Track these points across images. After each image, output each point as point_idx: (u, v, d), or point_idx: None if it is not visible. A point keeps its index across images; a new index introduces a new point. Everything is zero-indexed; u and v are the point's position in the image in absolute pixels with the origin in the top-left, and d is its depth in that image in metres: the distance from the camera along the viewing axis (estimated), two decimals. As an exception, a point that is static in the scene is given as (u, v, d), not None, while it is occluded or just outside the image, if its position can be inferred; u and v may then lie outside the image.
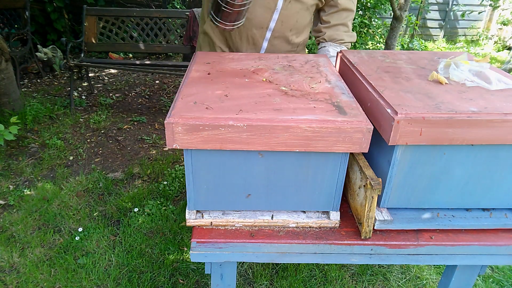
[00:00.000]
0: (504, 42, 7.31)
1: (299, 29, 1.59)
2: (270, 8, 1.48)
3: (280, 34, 1.55)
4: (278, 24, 1.52)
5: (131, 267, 1.87)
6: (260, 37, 1.55)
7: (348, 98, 1.00)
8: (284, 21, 1.52)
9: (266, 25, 1.51)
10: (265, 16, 1.49)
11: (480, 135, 0.90)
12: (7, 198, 2.32)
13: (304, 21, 1.58)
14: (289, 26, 1.55)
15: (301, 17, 1.55)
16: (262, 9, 1.48)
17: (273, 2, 1.47)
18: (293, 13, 1.52)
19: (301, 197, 1.00)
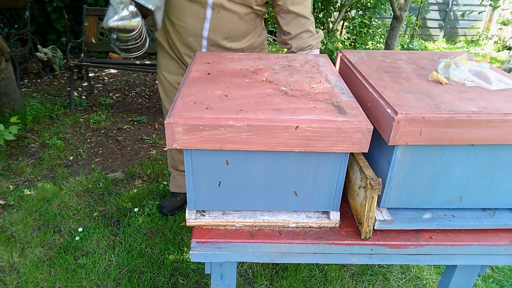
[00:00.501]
0: (504, 42, 7.31)
1: (236, 37, 1.57)
2: (200, 17, 1.48)
3: (215, 42, 1.56)
4: (211, 33, 1.52)
5: (131, 267, 1.87)
6: (197, 45, 1.57)
7: (348, 98, 1.00)
8: (216, 30, 1.52)
9: (200, 34, 1.53)
10: (197, 26, 1.51)
11: (480, 135, 0.90)
12: (7, 198, 2.32)
13: (240, 30, 1.56)
14: (223, 34, 1.54)
15: (235, 26, 1.54)
16: (193, 19, 1.49)
17: (202, 11, 1.47)
18: (224, 22, 1.51)
19: (301, 197, 1.00)
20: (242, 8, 1.50)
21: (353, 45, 5.16)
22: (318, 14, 5.28)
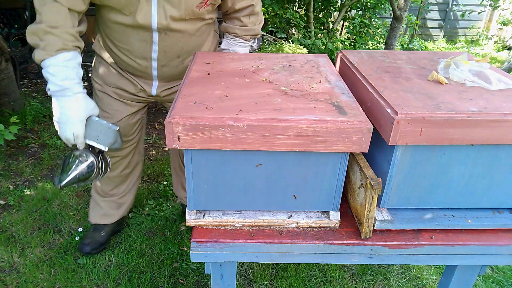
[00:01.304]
0: (504, 42, 7.31)
1: (189, 53, 1.49)
2: (147, 41, 1.39)
3: (166, 62, 1.48)
4: (161, 54, 1.44)
5: (131, 267, 1.87)
6: (147, 67, 1.48)
7: (348, 98, 1.00)
8: (166, 51, 1.44)
9: (149, 56, 1.44)
10: (145, 48, 1.42)
11: (480, 135, 0.90)
12: (7, 198, 2.32)
13: (191, 46, 1.48)
14: (174, 54, 1.46)
15: (186, 44, 1.45)
16: (139, 42, 1.40)
17: (148, 35, 1.38)
18: (174, 42, 1.42)
19: (301, 197, 1.00)
20: (193, 24, 1.41)
21: (353, 45, 5.16)
22: (318, 14, 5.28)
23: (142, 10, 1.29)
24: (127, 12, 1.31)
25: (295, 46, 5.94)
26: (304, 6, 5.19)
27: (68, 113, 1.23)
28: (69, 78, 1.21)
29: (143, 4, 1.28)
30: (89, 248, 1.86)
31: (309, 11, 4.92)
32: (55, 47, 1.19)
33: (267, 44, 6.27)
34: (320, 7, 5.26)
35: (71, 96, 1.22)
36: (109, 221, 1.95)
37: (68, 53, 1.22)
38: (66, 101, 1.23)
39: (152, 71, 1.50)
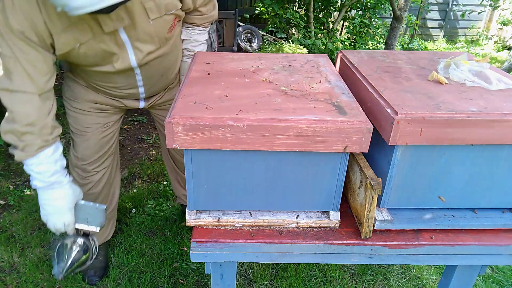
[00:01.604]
0: (504, 42, 7.31)
1: (170, 70, 1.52)
2: (130, 75, 1.39)
3: (152, 84, 1.50)
4: (146, 81, 1.45)
5: (131, 267, 1.87)
6: (135, 93, 1.50)
7: (348, 98, 1.00)
8: (151, 77, 1.45)
9: (135, 85, 1.45)
10: (129, 81, 1.42)
11: (480, 135, 0.90)
12: (7, 198, 2.32)
13: (172, 60, 1.50)
14: (158, 75, 1.48)
15: (166, 62, 1.47)
16: (122, 78, 1.39)
17: (131, 72, 1.37)
18: (156, 67, 1.42)
19: (301, 197, 1.00)
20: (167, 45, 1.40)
21: (353, 45, 5.16)
22: (318, 14, 5.28)
23: (118, 58, 1.28)
24: (104, 64, 1.30)
25: (295, 46, 5.94)
26: (304, 6, 5.19)
27: (56, 204, 1.22)
28: (56, 173, 1.21)
29: (118, 53, 1.27)
30: (97, 277, 1.79)
31: (309, 11, 4.92)
32: (35, 146, 1.16)
33: (267, 44, 6.27)
34: (320, 7, 5.26)
35: (58, 188, 1.22)
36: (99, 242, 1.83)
37: (50, 148, 1.20)
38: (53, 193, 1.22)
39: (140, 95, 1.52)
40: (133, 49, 1.29)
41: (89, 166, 1.63)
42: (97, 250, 1.33)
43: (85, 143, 1.59)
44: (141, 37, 1.27)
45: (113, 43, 1.23)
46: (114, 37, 1.22)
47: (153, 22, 1.25)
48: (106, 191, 1.75)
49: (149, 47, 1.32)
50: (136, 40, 1.27)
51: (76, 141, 1.61)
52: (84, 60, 1.27)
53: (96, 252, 1.32)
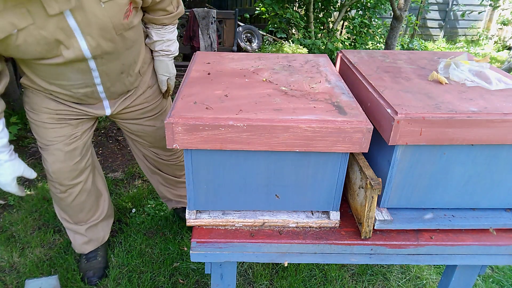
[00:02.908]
0: (504, 42, 7.31)
1: (131, 65, 1.42)
2: (85, 70, 1.28)
3: (111, 83, 1.39)
4: (104, 78, 1.34)
5: (131, 267, 1.87)
6: (93, 92, 1.38)
7: (348, 98, 1.00)
8: (109, 73, 1.34)
9: (92, 83, 1.34)
10: (85, 78, 1.31)
11: (480, 135, 0.90)
12: (7, 198, 2.32)
13: (131, 57, 1.40)
14: (117, 72, 1.37)
15: (125, 58, 1.37)
16: (76, 74, 1.28)
17: (85, 65, 1.26)
18: (113, 62, 1.33)
19: (301, 197, 1.00)
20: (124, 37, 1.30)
21: (353, 45, 5.16)
22: (318, 14, 5.28)
23: (68, 47, 1.18)
24: (51, 56, 1.19)
25: (295, 46, 5.94)
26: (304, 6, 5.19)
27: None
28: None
29: (64, 41, 1.16)
30: (97, 278, 1.76)
31: (309, 11, 4.92)
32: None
33: (267, 44, 6.27)
34: (320, 7, 5.26)
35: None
36: (97, 244, 1.84)
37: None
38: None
39: (99, 94, 1.41)
40: (84, 36, 1.18)
41: (64, 180, 1.55)
42: None
43: (51, 157, 1.50)
44: (93, 22, 1.16)
45: (59, 30, 1.12)
46: (61, 22, 1.11)
47: (104, 5, 1.15)
48: (91, 199, 1.70)
49: (103, 34, 1.20)
50: (87, 25, 1.15)
51: (43, 155, 1.52)
52: (26, 51, 1.15)
53: None
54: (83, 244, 1.79)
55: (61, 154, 1.49)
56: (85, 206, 1.68)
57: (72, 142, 1.50)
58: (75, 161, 1.54)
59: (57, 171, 1.52)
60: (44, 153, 1.51)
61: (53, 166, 1.51)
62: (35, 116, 1.44)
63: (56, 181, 1.55)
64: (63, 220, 1.74)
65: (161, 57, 1.56)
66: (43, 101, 1.40)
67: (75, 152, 1.52)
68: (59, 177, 1.53)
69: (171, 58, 1.60)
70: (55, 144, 1.48)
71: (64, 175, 1.53)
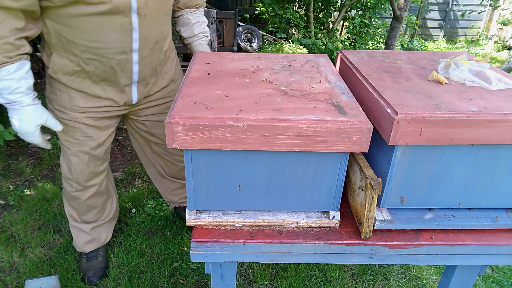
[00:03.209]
0: (504, 42, 7.31)
1: (164, 37, 1.42)
2: (126, 29, 1.24)
3: (147, 52, 1.36)
4: (142, 43, 1.31)
5: (131, 267, 1.87)
6: (127, 61, 1.33)
7: (348, 98, 1.00)
8: (147, 37, 1.32)
9: (129, 48, 1.29)
10: (124, 39, 1.26)
11: (480, 135, 0.90)
12: (7, 198, 2.32)
13: (166, 29, 1.41)
14: (154, 40, 1.36)
15: (163, 25, 1.38)
16: (117, 34, 1.24)
17: (127, 21, 1.23)
18: (153, 25, 1.32)
19: (301, 197, 1.00)
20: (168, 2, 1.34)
21: (353, 45, 5.16)
22: (318, 14, 5.28)
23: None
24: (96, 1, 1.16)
25: (295, 46, 5.94)
26: (304, 6, 5.19)
27: (20, 125, 1.23)
28: (15, 92, 1.18)
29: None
30: (96, 278, 1.76)
31: (309, 11, 4.92)
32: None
33: (267, 44, 6.27)
34: (320, 7, 5.26)
35: (19, 109, 1.21)
36: (99, 244, 1.84)
37: (12, 66, 1.16)
38: (16, 113, 1.22)
39: (132, 66, 1.35)
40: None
41: (82, 181, 1.57)
42: None
43: (75, 158, 1.50)
44: None
45: None
46: None
47: None
48: (102, 200, 1.72)
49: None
50: None
51: (66, 154, 1.52)
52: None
53: None
54: (85, 243, 1.79)
55: (86, 157, 1.52)
56: (96, 206, 1.70)
57: (98, 147, 1.53)
58: (97, 164, 1.57)
59: (78, 172, 1.54)
60: (67, 153, 1.51)
61: (75, 167, 1.53)
62: (63, 115, 1.43)
63: (74, 180, 1.57)
64: (70, 217, 1.75)
65: (201, 40, 1.55)
66: (73, 98, 1.40)
67: (99, 156, 1.55)
68: (79, 177, 1.56)
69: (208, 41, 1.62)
70: (81, 146, 1.49)
71: (84, 176, 1.56)
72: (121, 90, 1.43)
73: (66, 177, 1.59)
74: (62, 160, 1.56)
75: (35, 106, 1.24)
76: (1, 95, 1.18)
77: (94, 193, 1.65)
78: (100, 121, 1.48)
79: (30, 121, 1.23)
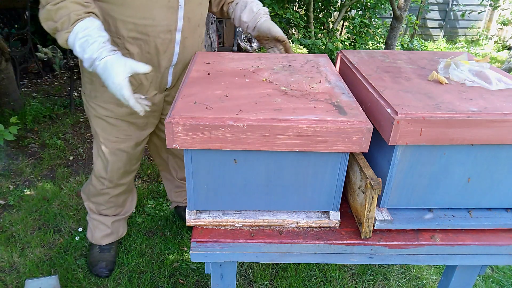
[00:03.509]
0: (504, 42, 7.31)
1: (203, 21, 1.45)
2: (173, 6, 1.27)
3: (189, 33, 1.37)
4: (185, 22, 1.33)
5: (131, 267, 1.87)
6: (170, 41, 1.34)
7: (348, 98, 1.00)
8: (190, 17, 1.34)
9: (174, 27, 1.31)
10: (170, 17, 1.28)
11: (480, 135, 0.90)
12: (7, 198, 2.32)
13: (205, 13, 1.44)
14: (196, 21, 1.38)
15: (203, 8, 1.41)
16: (164, 10, 1.26)
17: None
18: (196, 6, 1.35)
19: (301, 197, 1.00)
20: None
21: (353, 45, 5.16)
22: (318, 14, 5.28)
23: None
24: None
25: (295, 46, 5.94)
26: (304, 6, 5.19)
27: (107, 81, 1.11)
28: (92, 48, 1.10)
29: None
30: (107, 270, 1.78)
31: (309, 11, 4.92)
32: (70, 20, 1.10)
33: (267, 44, 6.26)
34: (320, 7, 5.26)
35: (100, 64, 1.11)
36: (116, 238, 1.87)
37: (82, 22, 1.11)
38: (101, 71, 1.11)
39: (174, 46, 1.36)
40: None
41: (116, 179, 1.59)
42: None
43: (113, 157, 1.51)
44: None
45: None
46: None
47: None
48: (125, 196, 1.76)
49: None
50: None
51: (103, 153, 1.52)
52: None
53: None
54: (104, 236, 1.81)
55: (124, 155, 1.53)
56: (118, 202, 1.74)
57: (137, 146, 1.54)
58: (132, 163, 1.59)
59: (114, 170, 1.56)
60: (105, 151, 1.51)
61: (112, 166, 1.54)
62: (106, 112, 1.43)
63: (108, 179, 1.58)
64: (90, 210, 1.77)
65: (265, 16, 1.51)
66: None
67: (135, 155, 1.57)
68: (113, 176, 1.58)
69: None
70: (121, 144, 1.50)
71: (118, 175, 1.58)
72: (160, 73, 1.41)
73: (99, 175, 1.59)
74: (97, 158, 1.56)
75: (114, 57, 1.12)
76: (83, 58, 1.12)
77: (122, 191, 1.68)
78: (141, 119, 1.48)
79: (114, 72, 1.09)
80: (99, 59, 1.10)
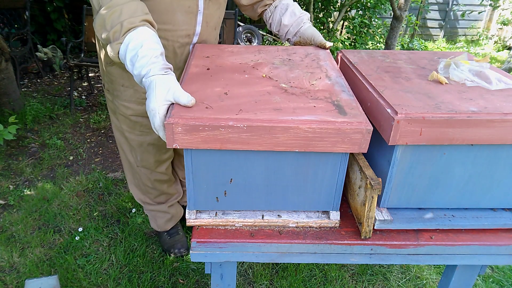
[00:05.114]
0: (504, 42, 7.31)
1: (219, 25, 1.48)
2: (192, 12, 1.29)
3: (206, 36, 1.41)
4: (203, 27, 1.36)
5: (131, 267, 1.86)
6: (187, 44, 1.36)
7: (348, 96, 1.00)
8: (208, 21, 1.37)
9: (192, 32, 1.34)
10: (190, 22, 1.31)
11: (480, 135, 0.90)
12: (7, 198, 2.32)
13: (223, 15, 1.48)
14: (213, 25, 1.42)
15: (221, 12, 1.44)
16: (184, 15, 1.28)
17: (194, 4, 1.28)
18: (214, 10, 1.38)
19: (301, 197, 1.00)
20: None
21: (353, 45, 5.16)
22: (318, 14, 5.28)
23: None
24: None
25: (295, 46, 5.93)
26: (304, 6, 5.19)
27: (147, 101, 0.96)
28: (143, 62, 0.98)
29: None
30: (184, 249, 1.92)
31: (309, 11, 4.92)
32: (122, 29, 1.00)
33: (267, 44, 6.27)
34: (320, 7, 5.26)
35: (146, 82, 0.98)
36: (177, 219, 1.98)
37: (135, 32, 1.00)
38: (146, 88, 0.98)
39: (190, 48, 1.38)
40: None
41: (151, 167, 1.65)
42: None
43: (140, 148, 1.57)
44: None
45: None
46: None
47: None
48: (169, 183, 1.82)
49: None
50: None
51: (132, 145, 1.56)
52: None
53: None
54: (166, 222, 1.91)
55: (150, 147, 1.57)
56: (163, 189, 1.79)
57: None
58: (161, 153, 1.63)
59: (145, 160, 1.61)
60: (133, 144, 1.56)
61: (142, 156, 1.60)
62: (128, 111, 1.46)
63: (143, 166, 1.64)
64: (144, 204, 1.84)
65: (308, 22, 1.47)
66: (136, 92, 1.41)
67: (163, 145, 1.59)
68: (146, 165, 1.64)
69: None
70: (146, 137, 1.53)
71: (151, 164, 1.63)
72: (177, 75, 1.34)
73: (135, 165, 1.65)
74: (128, 151, 1.61)
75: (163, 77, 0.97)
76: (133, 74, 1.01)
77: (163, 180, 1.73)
78: None
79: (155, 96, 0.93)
80: (147, 77, 0.97)
